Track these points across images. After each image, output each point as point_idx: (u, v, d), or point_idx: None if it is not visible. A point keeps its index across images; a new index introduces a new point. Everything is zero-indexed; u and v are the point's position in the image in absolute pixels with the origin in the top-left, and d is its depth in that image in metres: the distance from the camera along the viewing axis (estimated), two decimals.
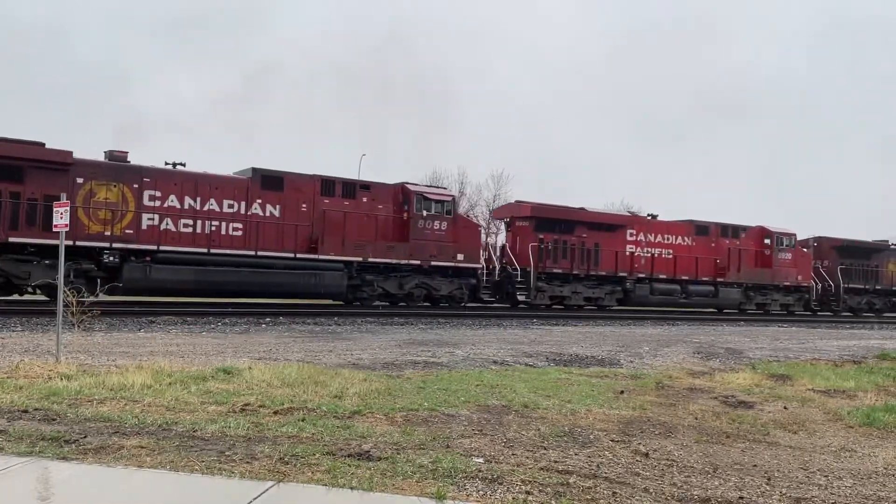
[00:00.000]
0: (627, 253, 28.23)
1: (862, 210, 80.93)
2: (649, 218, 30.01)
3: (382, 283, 22.73)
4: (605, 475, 5.19)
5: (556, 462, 5.45)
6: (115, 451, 5.13)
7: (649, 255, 28.70)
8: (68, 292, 11.07)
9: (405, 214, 23.18)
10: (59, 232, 9.28)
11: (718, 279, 30.33)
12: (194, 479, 4.63)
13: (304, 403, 7.00)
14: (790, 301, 32.95)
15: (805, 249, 34.14)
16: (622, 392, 8.95)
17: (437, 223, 23.45)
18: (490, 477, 4.92)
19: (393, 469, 4.97)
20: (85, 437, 5.46)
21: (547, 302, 26.60)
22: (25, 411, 6.27)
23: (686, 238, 30.02)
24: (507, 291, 25.82)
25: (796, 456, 6.24)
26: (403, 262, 22.86)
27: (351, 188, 22.43)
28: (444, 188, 24.03)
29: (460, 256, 23.86)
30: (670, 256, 29.22)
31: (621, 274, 27.99)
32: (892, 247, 38.03)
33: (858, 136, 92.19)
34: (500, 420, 6.88)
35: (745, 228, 32.29)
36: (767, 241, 32.08)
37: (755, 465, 5.79)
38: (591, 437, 6.40)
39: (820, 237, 36.32)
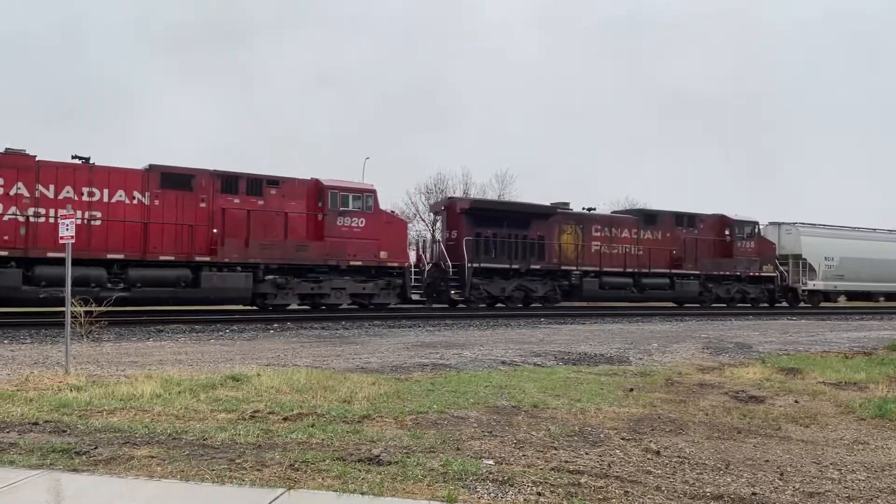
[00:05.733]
0: None
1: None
2: (81, 163, 18.39)
3: None
4: (616, 474, 5.17)
5: (566, 462, 5.43)
6: (126, 462, 5.13)
7: (28, 219, 17.22)
8: (76, 303, 11.12)
9: None
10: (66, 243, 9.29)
11: (205, 258, 19.22)
12: (205, 488, 4.63)
13: (314, 409, 7.01)
14: (371, 289, 21.91)
15: (395, 215, 23.87)
16: (632, 390, 8.92)
17: None
18: (501, 479, 4.90)
19: (403, 473, 4.96)
20: (95, 448, 5.47)
21: None
22: (36, 423, 6.28)
23: (141, 195, 18.79)
24: None
25: (809, 450, 6.21)
26: None
27: None
28: None
29: None
30: (97, 223, 18.11)
31: None
32: (565, 210, 27.25)
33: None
34: (510, 421, 6.86)
35: (277, 182, 20.71)
36: (321, 202, 21.11)
37: (767, 461, 5.76)
38: (602, 435, 6.38)
39: (453, 198, 26.11)
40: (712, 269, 29.43)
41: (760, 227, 31.76)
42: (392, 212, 22.69)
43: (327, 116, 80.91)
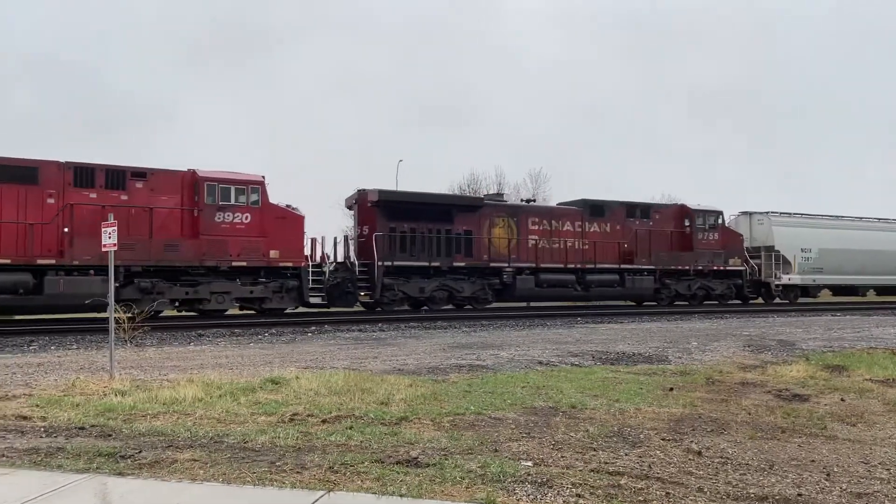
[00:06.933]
0: None
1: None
2: None
3: None
4: (657, 475, 5.11)
5: (606, 463, 5.38)
6: (170, 465, 5.23)
7: None
8: (120, 309, 11.37)
9: None
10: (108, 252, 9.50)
11: (51, 261, 16.94)
12: (246, 491, 4.70)
13: (352, 411, 7.06)
14: (261, 293, 19.52)
15: (291, 209, 20.29)
16: (671, 389, 8.80)
17: None
18: (539, 480, 4.88)
19: (441, 475, 4.96)
20: (140, 451, 5.59)
21: None
22: (82, 428, 6.44)
23: None
24: None
25: (856, 449, 6.06)
26: None
27: None
28: None
29: None
30: None
31: None
32: (495, 202, 25.33)
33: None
34: (548, 422, 6.82)
35: (143, 174, 18.57)
36: (197, 196, 18.85)
37: (813, 461, 5.63)
38: (642, 436, 6.30)
39: (362, 190, 22.85)
40: (669, 264, 26.85)
41: (727, 217, 29.52)
42: (288, 206, 20.23)
43: (354, 120, 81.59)
